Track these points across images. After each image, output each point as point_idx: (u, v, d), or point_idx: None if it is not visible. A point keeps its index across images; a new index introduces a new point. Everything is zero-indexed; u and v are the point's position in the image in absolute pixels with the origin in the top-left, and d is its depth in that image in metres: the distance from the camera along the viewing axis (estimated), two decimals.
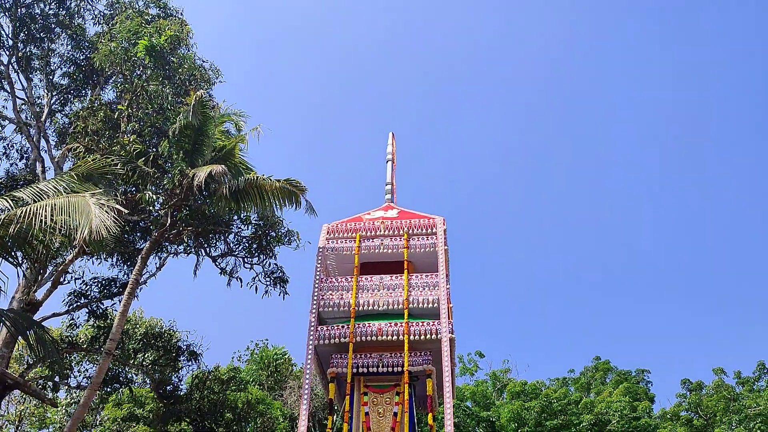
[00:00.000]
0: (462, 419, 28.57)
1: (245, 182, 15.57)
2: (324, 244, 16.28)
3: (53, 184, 11.56)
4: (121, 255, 18.78)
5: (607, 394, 30.58)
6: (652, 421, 29.21)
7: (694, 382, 32.61)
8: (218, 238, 18.92)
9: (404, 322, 14.62)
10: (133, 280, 15.59)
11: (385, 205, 17.39)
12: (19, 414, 28.85)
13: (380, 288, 15.39)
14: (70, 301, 18.64)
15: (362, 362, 14.50)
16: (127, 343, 20.45)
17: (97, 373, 15.32)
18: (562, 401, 28.51)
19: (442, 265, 15.57)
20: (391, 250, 16.00)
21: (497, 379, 35.45)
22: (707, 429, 27.86)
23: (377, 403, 14.29)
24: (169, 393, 21.96)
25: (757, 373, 32.74)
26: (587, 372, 36.53)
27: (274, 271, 18.86)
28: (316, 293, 15.41)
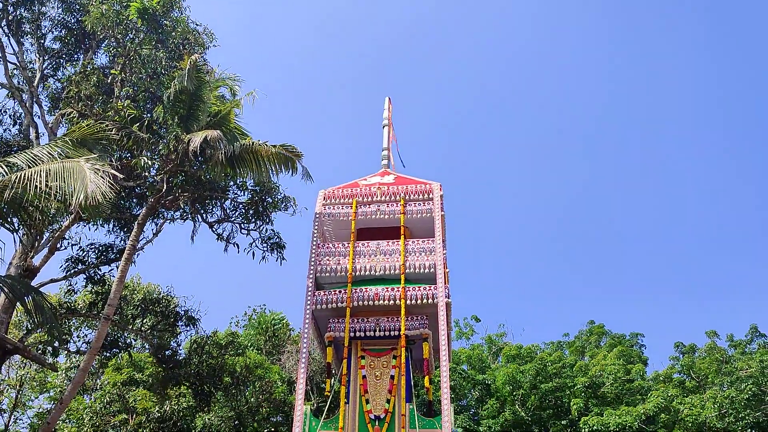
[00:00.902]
0: (458, 382, 28.97)
1: (241, 148, 15.47)
2: (320, 210, 16.27)
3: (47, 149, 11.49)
4: (117, 221, 18.76)
5: (601, 358, 30.97)
6: (645, 383, 29.67)
7: (687, 345, 33.03)
8: (214, 203, 18.89)
9: (401, 287, 14.71)
10: (130, 246, 15.60)
11: (381, 170, 17.34)
12: (20, 379, 29.15)
13: (377, 253, 15.44)
14: (68, 267, 18.67)
15: (359, 326, 14.62)
16: (126, 308, 20.56)
17: (96, 338, 15.45)
18: (557, 364, 28.88)
19: (438, 230, 15.60)
20: (387, 215, 16.00)
21: (493, 343, 35.86)
22: (699, 390, 28.30)
23: (374, 366, 14.45)
24: (168, 358, 22.16)
25: (749, 336, 33.14)
26: (582, 336, 36.94)
27: (270, 237, 18.88)
28: (313, 259, 15.45)
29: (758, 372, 26.09)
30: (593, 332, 36.50)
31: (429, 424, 13.49)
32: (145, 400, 25.37)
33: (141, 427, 24.94)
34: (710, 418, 24.75)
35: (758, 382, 25.70)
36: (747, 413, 24.89)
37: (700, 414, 24.82)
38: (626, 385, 28.40)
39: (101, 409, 25.60)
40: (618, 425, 24.18)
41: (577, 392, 27.33)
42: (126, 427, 24.91)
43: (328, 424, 13.73)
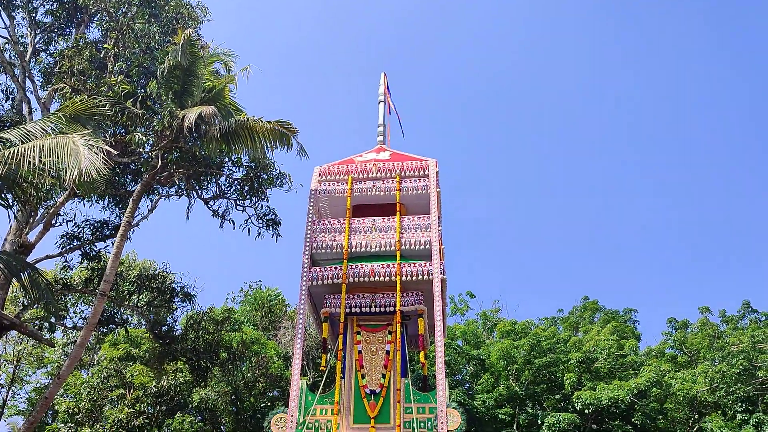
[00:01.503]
0: (453, 357, 29.22)
1: (236, 124, 15.40)
2: (316, 187, 16.24)
3: (41, 125, 11.42)
4: (112, 197, 18.74)
5: (594, 333, 31.23)
6: (638, 358, 29.98)
7: (680, 321, 33.33)
8: (210, 180, 18.86)
9: (396, 264, 14.76)
10: (125, 222, 15.59)
11: (377, 147, 17.28)
12: (17, 354, 29.29)
13: (372, 230, 15.45)
14: (63, 244, 18.67)
15: (355, 302, 14.69)
16: (121, 284, 20.62)
17: (92, 314, 15.51)
18: (551, 340, 29.13)
19: (434, 207, 15.60)
20: (383, 192, 15.98)
21: (487, 319, 36.10)
22: (691, 365, 28.63)
23: (370, 341, 14.56)
24: (165, 333, 22.30)
25: (741, 312, 33.44)
26: (576, 311, 37.22)
27: (266, 214, 18.90)
28: (309, 235, 15.47)
29: (749, 347, 26.38)
30: (587, 308, 36.76)
31: (424, 398, 13.64)
32: (142, 375, 25.55)
33: (138, 401, 25.16)
34: (701, 393, 25.07)
35: (749, 356, 25.99)
36: (738, 387, 25.21)
37: (691, 388, 25.13)
38: (619, 360, 28.70)
39: (99, 384, 25.78)
40: (610, 399, 24.47)
41: (570, 367, 27.60)
42: (123, 402, 25.11)
43: (324, 399, 13.87)
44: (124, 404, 24.92)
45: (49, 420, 28.79)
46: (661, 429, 26.12)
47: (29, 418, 14.72)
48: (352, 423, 13.61)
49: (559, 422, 24.08)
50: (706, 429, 25.77)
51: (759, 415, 25.13)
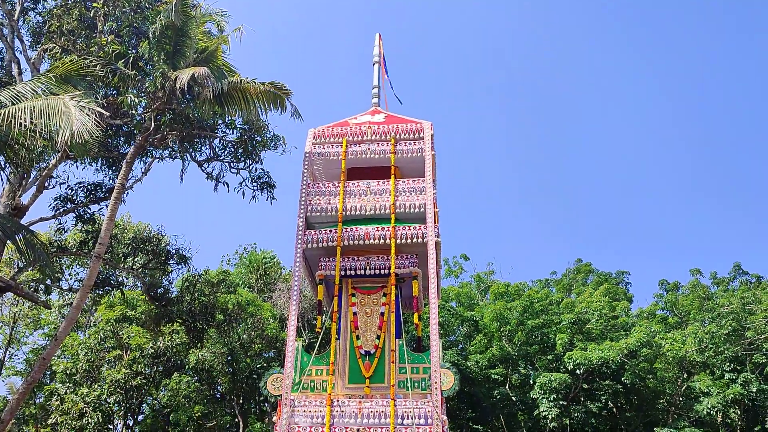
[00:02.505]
0: (447, 319, 29.53)
1: (229, 85, 15.22)
2: (310, 149, 16.15)
3: (31, 86, 11.27)
4: (105, 160, 18.61)
5: (587, 295, 31.55)
6: (629, 319, 30.36)
7: (672, 283, 33.70)
8: (203, 142, 18.73)
9: (391, 227, 14.78)
10: (119, 184, 15.52)
11: (372, 109, 17.13)
12: (14, 316, 29.46)
13: (367, 193, 15.42)
14: (57, 206, 18.61)
15: (350, 265, 14.75)
16: (116, 247, 20.62)
17: (88, 276, 15.54)
18: (544, 302, 29.42)
19: (429, 170, 15.55)
20: (377, 155, 15.90)
21: (481, 281, 36.37)
22: (681, 326, 29.04)
23: (365, 303, 14.67)
24: (161, 295, 22.40)
25: (732, 273, 33.82)
26: (569, 274, 37.52)
27: (260, 176, 18.83)
28: (304, 198, 15.43)
29: (739, 308, 26.74)
30: (580, 270, 37.06)
31: (418, 359, 13.81)
32: (138, 337, 25.78)
33: (135, 362, 25.43)
34: (690, 353, 25.48)
35: (738, 318, 26.37)
36: (726, 347, 25.63)
37: (680, 349, 25.53)
38: (611, 322, 29.06)
39: (96, 346, 26.02)
40: (600, 359, 24.85)
41: (562, 328, 27.95)
42: (120, 363, 25.38)
43: (320, 360, 14.04)
44: (122, 365, 25.19)
45: (47, 380, 29.13)
46: (651, 388, 26.61)
47: (27, 378, 14.86)
48: (347, 383, 13.80)
49: (550, 382, 24.48)
50: (694, 388, 26.29)
51: (746, 374, 25.61)
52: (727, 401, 24.59)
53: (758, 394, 25.23)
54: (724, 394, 24.53)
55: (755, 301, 27.64)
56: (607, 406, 26.24)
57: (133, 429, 29.40)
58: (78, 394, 24.21)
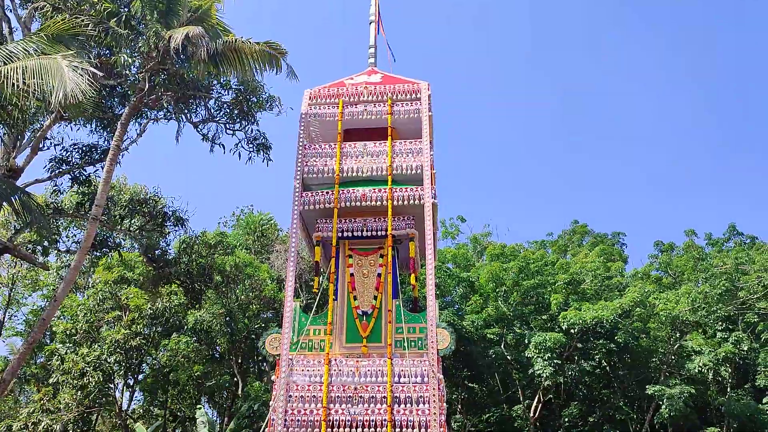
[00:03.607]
0: (443, 280, 29.74)
1: (223, 45, 15.02)
2: (306, 110, 16.02)
3: (23, 45, 11.10)
4: (100, 121, 18.45)
5: (582, 256, 31.74)
6: (623, 280, 30.62)
7: (666, 244, 33.90)
8: (198, 103, 18.56)
9: (388, 188, 14.77)
10: (114, 146, 15.44)
11: (368, 69, 16.94)
12: (12, 277, 29.59)
13: (364, 154, 15.36)
14: (52, 168, 18.52)
15: (347, 227, 14.78)
16: (113, 209, 20.59)
17: (85, 238, 15.56)
18: (539, 263, 29.60)
19: (425, 131, 15.47)
20: (374, 116, 15.79)
21: (478, 242, 36.52)
22: (675, 287, 29.30)
23: (362, 264, 14.76)
24: (158, 257, 22.49)
25: (727, 234, 34.00)
26: (565, 235, 37.67)
27: (256, 138, 18.73)
28: (300, 160, 15.38)
29: (733, 268, 26.98)
30: (576, 231, 37.20)
31: (415, 319, 13.96)
32: (137, 298, 25.94)
33: (134, 323, 25.65)
34: (683, 312, 25.79)
35: (731, 278, 26.61)
36: (719, 307, 25.93)
37: (674, 308, 25.82)
38: (605, 282, 29.31)
39: (95, 307, 26.19)
40: (594, 319, 25.14)
41: (557, 289, 28.19)
42: (120, 324, 25.60)
43: (317, 320, 14.18)
44: (121, 326, 25.42)
45: (47, 341, 29.41)
46: (644, 347, 27.01)
47: (28, 339, 15.01)
48: (344, 342, 13.98)
49: (545, 341, 24.81)
50: (686, 347, 26.69)
51: (738, 333, 25.98)
52: (719, 359, 24.99)
53: (749, 353, 25.64)
54: (715, 353, 24.92)
55: (749, 262, 27.87)
56: (600, 364, 26.65)
57: (133, 388, 29.83)
58: (78, 354, 24.48)
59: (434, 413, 12.72)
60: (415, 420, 12.75)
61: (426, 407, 12.84)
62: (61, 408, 24.20)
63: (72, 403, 24.15)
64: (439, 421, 12.67)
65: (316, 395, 13.18)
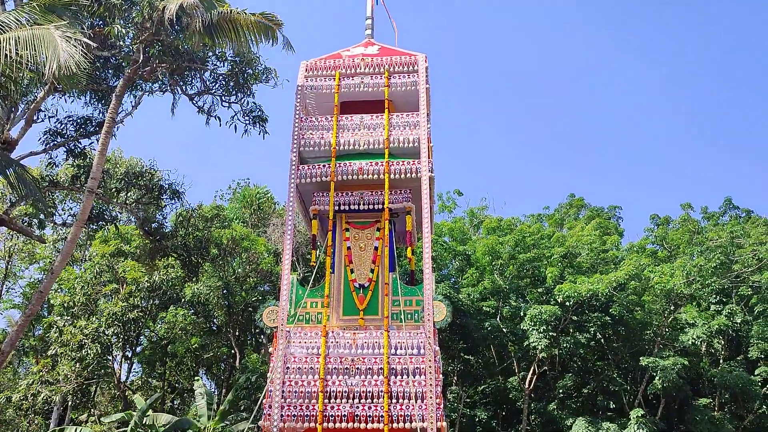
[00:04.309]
0: (439, 253, 29.84)
1: (218, 16, 14.83)
2: (303, 83, 15.89)
3: (15, 16, 10.94)
4: (94, 93, 18.29)
5: (578, 229, 31.82)
6: (619, 253, 30.76)
7: (662, 217, 34.01)
8: (194, 75, 18.39)
9: (385, 161, 14.72)
10: (109, 118, 15.32)
11: (365, 41, 16.76)
12: (8, 250, 29.58)
13: (360, 127, 15.28)
14: (47, 140, 18.40)
15: (344, 200, 14.77)
16: (109, 182, 20.52)
17: (81, 211, 15.52)
18: (535, 236, 29.69)
19: (423, 104, 15.38)
20: (371, 88, 15.67)
21: (474, 216, 36.57)
22: (670, 260, 29.46)
23: (358, 238, 14.78)
24: (155, 230, 22.49)
25: (723, 208, 34.12)
26: (561, 209, 37.72)
27: (252, 110, 18.59)
28: (296, 132, 15.30)
29: (728, 242, 27.11)
30: (573, 205, 37.24)
31: (411, 291, 14.04)
32: (134, 271, 25.98)
33: (132, 296, 25.73)
34: (678, 286, 25.96)
35: (726, 251, 26.76)
36: (713, 280, 26.11)
37: (668, 281, 25.98)
38: (601, 255, 29.44)
39: (92, 279, 26.24)
40: (590, 292, 25.29)
41: (553, 262, 28.32)
42: (117, 296, 25.68)
43: (314, 293, 14.24)
44: (118, 298, 25.50)
45: (45, 313, 29.52)
46: (638, 320, 27.24)
47: (26, 311, 15.05)
48: (341, 315, 14.06)
49: (540, 314, 24.99)
50: (680, 319, 26.92)
51: (732, 306, 26.21)
52: (712, 332, 25.23)
53: (742, 325, 25.89)
54: (709, 325, 25.15)
55: (744, 235, 28.00)
56: (595, 337, 26.90)
57: (131, 360, 30.04)
58: (76, 327, 24.59)
59: (430, 384, 12.86)
60: (412, 391, 12.89)
61: (422, 379, 12.98)
62: (60, 379, 24.38)
63: (71, 374, 24.33)
64: (435, 392, 12.81)
65: (314, 367, 13.29)
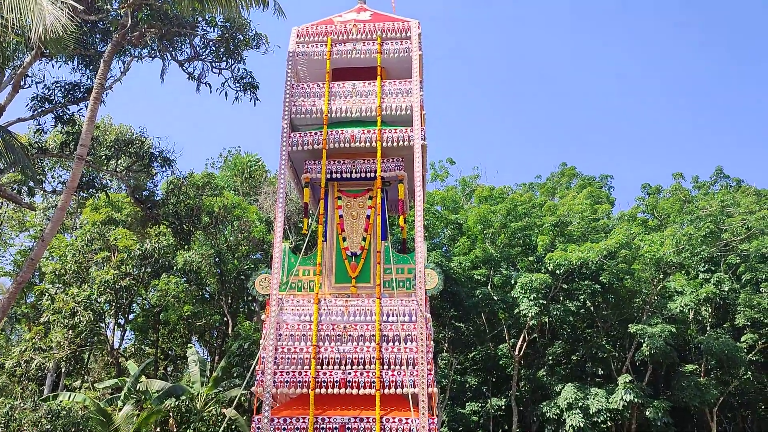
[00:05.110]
0: (431, 222, 29.90)
1: None
2: (294, 49, 15.70)
3: None
4: (82, 58, 17.99)
5: (570, 198, 31.90)
6: (610, 222, 30.91)
7: (654, 186, 34.13)
8: (183, 41, 18.09)
9: (377, 129, 14.65)
10: (98, 84, 15.09)
11: (357, 6, 16.54)
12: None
13: (353, 94, 15.16)
14: (34, 107, 18.13)
15: (336, 168, 14.72)
16: (99, 149, 20.31)
17: (71, 178, 15.36)
18: (527, 205, 29.76)
19: (415, 71, 15.25)
20: (363, 54, 15.51)
21: (466, 185, 36.60)
22: (660, 229, 29.64)
23: (351, 206, 14.78)
24: (146, 198, 22.35)
25: (714, 177, 34.26)
26: (553, 177, 37.77)
27: (243, 77, 18.37)
28: (288, 99, 15.17)
29: (717, 211, 27.29)
30: (565, 174, 37.28)
31: (403, 260, 14.10)
32: (125, 239, 25.91)
33: (123, 264, 25.69)
34: (667, 254, 26.16)
35: (716, 220, 26.95)
36: (702, 249, 26.33)
37: (658, 250, 26.18)
38: (592, 224, 29.58)
39: (83, 247, 26.16)
40: (580, 260, 25.46)
41: (544, 231, 28.43)
42: (109, 264, 25.64)
43: (307, 260, 14.28)
44: (110, 266, 25.46)
45: (36, 281, 29.49)
46: (627, 288, 27.51)
47: (17, 279, 15.01)
48: (334, 282, 14.14)
49: (531, 282, 25.17)
50: (669, 288, 27.20)
51: (720, 274, 26.48)
52: (700, 300, 25.54)
53: (729, 293, 26.20)
54: (697, 293, 25.43)
55: (734, 204, 28.18)
56: (584, 304, 27.18)
57: (124, 327, 30.15)
58: (68, 294, 24.59)
59: (421, 351, 13.00)
60: (403, 357, 13.04)
61: (413, 345, 13.11)
62: (53, 346, 24.47)
63: (64, 341, 24.41)
64: (426, 359, 12.96)
65: (306, 334, 13.40)
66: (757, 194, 30.21)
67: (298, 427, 12.69)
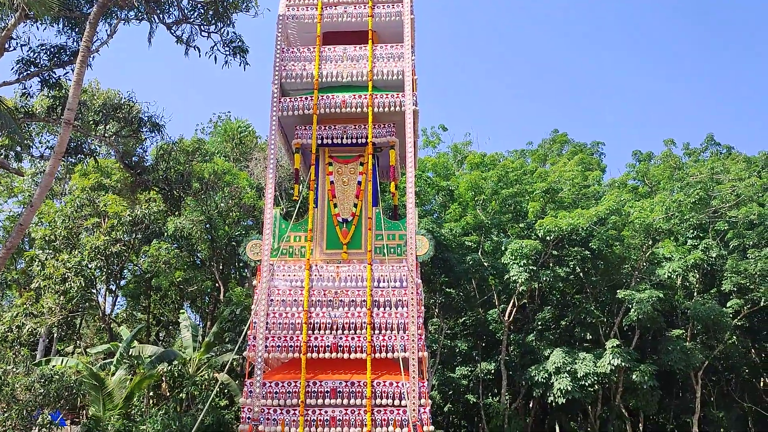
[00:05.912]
0: (423, 188, 29.89)
1: None
2: (284, 12, 15.46)
3: None
4: (67, 20, 17.63)
5: (561, 165, 31.91)
6: (601, 188, 31.00)
7: (644, 153, 34.17)
8: (171, 3, 17.74)
9: (368, 94, 14.53)
10: (84, 47, 14.84)
11: None
12: None
13: (344, 59, 15.01)
14: (20, 70, 17.82)
15: (327, 134, 14.64)
16: (86, 114, 20.04)
17: (58, 143, 15.22)
18: (518, 171, 29.77)
19: (407, 35, 15.08)
20: (354, 18, 15.32)
21: (458, 152, 36.51)
22: (651, 196, 29.77)
23: (342, 172, 14.73)
24: (135, 164, 22.16)
25: (704, 144, 34.31)
26: (545, 144, 37.70)
27: (232, 40, 18.09)
28: (278, 64, 14.99)
29: (707, 178, 27.41)
30: (556, 141, 37.22)
31: (394, 226, 14.13)
32: (115, 205, 25.78)
33: (114, 230, 25.61)
34: (657, 221, 26.33)
35: (706, 187, 27.07)
36: (691, 216, 26.50)
37: (648, 216, 26.33)
38: (582, 191, 29.66)
39: (73, 213, 26.01)
40: (570, 226, 25.58)
41: (535, 197, 28.50)
42: (99, 230, 25.54)
43: (298, 227, 14.28)
44: (100, 232, 25.37)
45: (26, 247, 29.37)
46: (617, 254, 27.73)
47: (6, 244, 14.95)
48: (325, 248, 14.17)
49: (521, 248, 25.31)
50: (658, 254, 27.42)
51: (708, 241, 26.71)
52: (688, 266, 25.79)
53: (717, 260, 26.45)
54: (685, 260, 25.67)
55: (724, 171, 28.29)
56: (574, 270, 27.40)
57: (116, 293, 30.18)
58: (59, 260, 24.53)
59: (412, 316, 13.12)
60: (394, 322, 13.16)
61: (404, 310, 13.22)
62: (44, 312, 24.49)
63: (55, 307, 24.43)
64: (416, 324, 13.09)
65: (297, 299, 13.47)
66: (747, 161, 30.32)
67: (290, 391, 12.85)
